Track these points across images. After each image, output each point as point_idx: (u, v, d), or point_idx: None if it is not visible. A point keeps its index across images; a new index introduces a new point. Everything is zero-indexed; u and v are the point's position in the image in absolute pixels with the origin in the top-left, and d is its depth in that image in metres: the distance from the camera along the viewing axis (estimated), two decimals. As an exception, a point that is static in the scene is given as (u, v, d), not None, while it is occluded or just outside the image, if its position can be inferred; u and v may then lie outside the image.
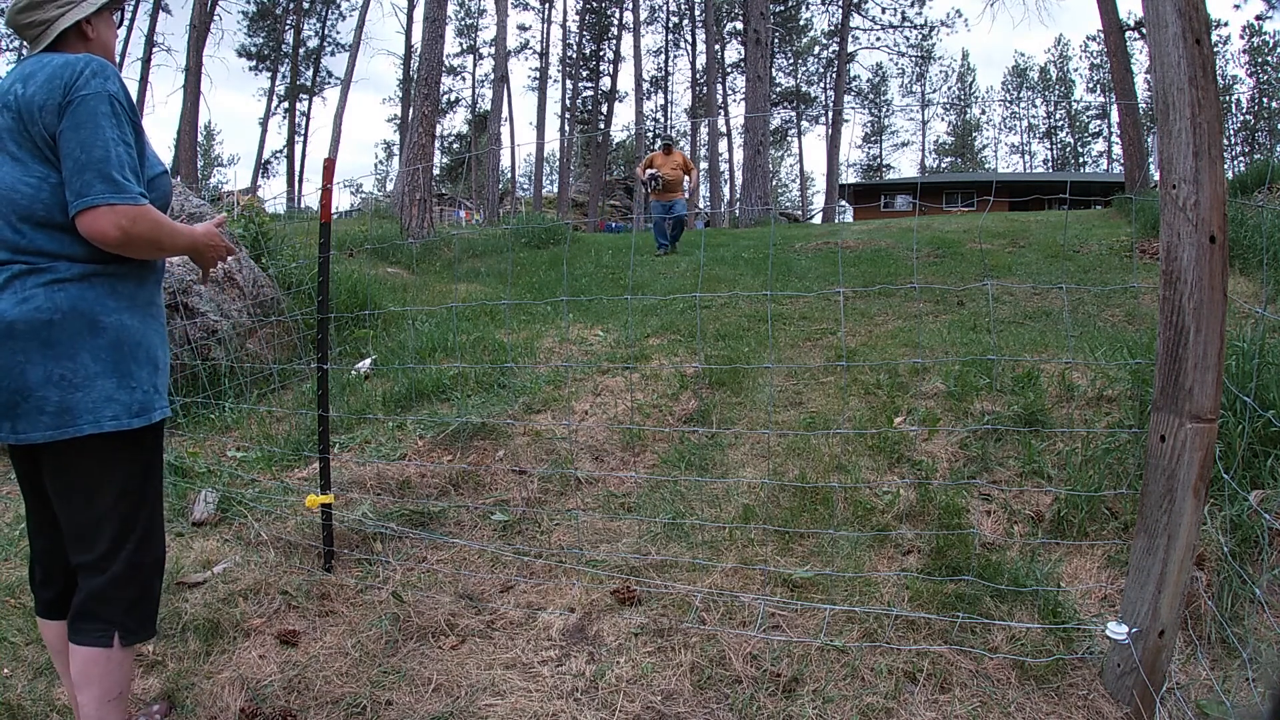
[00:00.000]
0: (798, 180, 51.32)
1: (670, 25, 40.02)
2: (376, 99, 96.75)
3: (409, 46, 32.49)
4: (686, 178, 9.83)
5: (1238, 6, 45.56)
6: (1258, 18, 37.04)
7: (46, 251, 1.38)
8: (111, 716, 1.47)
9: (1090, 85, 44.48)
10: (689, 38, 39.24)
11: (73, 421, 1.38)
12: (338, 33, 36.88)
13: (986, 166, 48.66)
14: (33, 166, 1.39)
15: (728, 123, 35.71)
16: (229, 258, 1.74)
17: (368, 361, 4.37)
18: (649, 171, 9.50)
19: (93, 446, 1.41)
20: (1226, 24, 41.92)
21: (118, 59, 1.58)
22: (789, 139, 45.45)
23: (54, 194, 1.39)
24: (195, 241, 1.57)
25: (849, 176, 43.02)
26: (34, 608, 1.63)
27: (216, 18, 23.24)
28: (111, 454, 1.44)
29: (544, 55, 37.59)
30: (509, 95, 31.50)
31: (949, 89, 48.12)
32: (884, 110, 45.95)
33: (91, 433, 1.39)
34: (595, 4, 37.98)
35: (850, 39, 34.87)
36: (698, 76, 37.95)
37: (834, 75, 37.38)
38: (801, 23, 39.48)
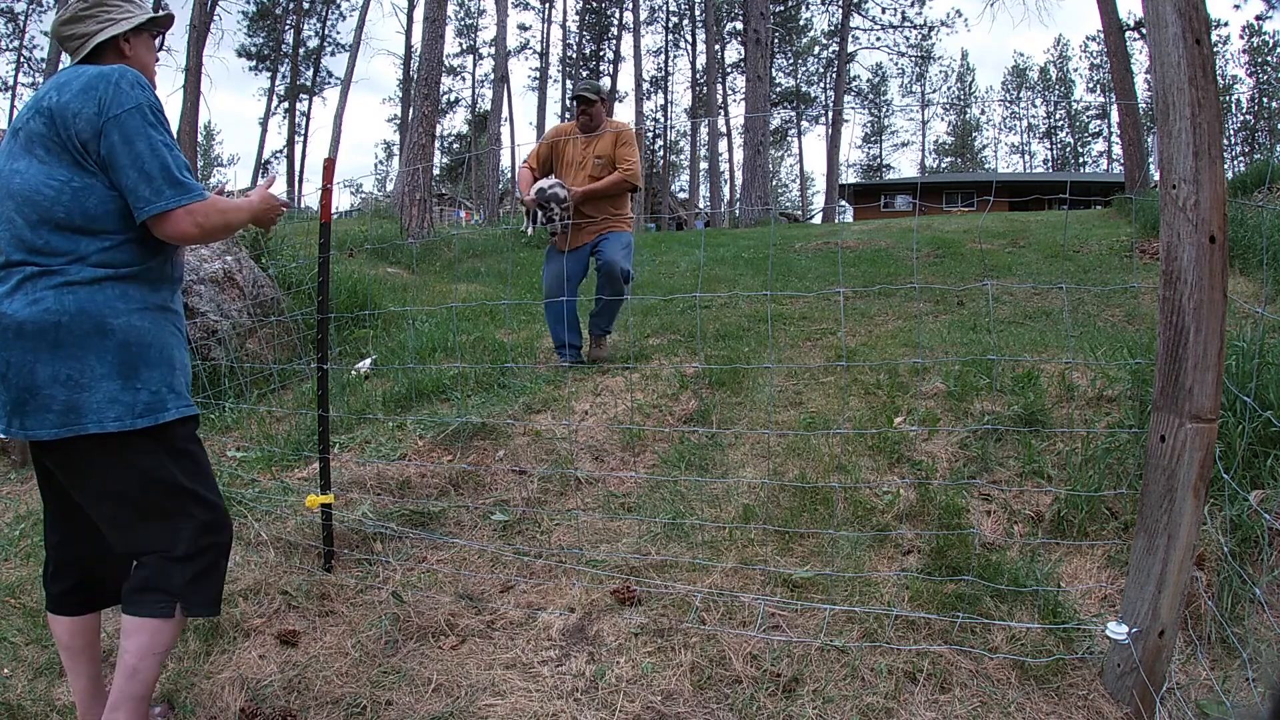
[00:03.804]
0: (798, 180, 51.34)
1: (670, 25, 40.03)
2: (376, 99, 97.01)
3: (409, 46, 32.50)
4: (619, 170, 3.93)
5: (1238, 6, 45.66)
6: (1258, 18, 37.11)
7: (61, 253, 1.43)
8: (152, 667, 1.51)
9: (1090, 85, 44.50)
10: (689, 38, 39.27)
11: (78, 420, 1.42)
12: (338, 33, 36.94)
13: (986, 166, 48.67)
14: (58, 170, 1.45)
15: (728, 123, 35.72)
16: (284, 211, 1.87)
17: (368, 361, 4.37)
18: (536, 186, 3.89)
19: (103, 446, 1.45)
20: (1226, 24, 41.97)
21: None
22: (789, 139, 45.47)
23: (75, 198, 1.44)
24: (255, 212, 1.71)
25: (849, 176, 43.04)
26: (45, 603, 1.65)
27: (216, 18, 23.22)
28: (123, 453, 1.47)
29: (544, 55, 37.63)
30: (509, 95, 31.52)
31: (949, 89, 48.15)
32: (884, 110, 45.97)
33: (95, 432, 1.43)
34: (595, 4, 37.99)
35: (850, 39, 34.90)
36: (698, 76, 37.96)
37: (834, 75, 37.40)
38: (801, 23, 39.50)
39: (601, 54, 38.92)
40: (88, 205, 1.44)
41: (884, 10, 35.68)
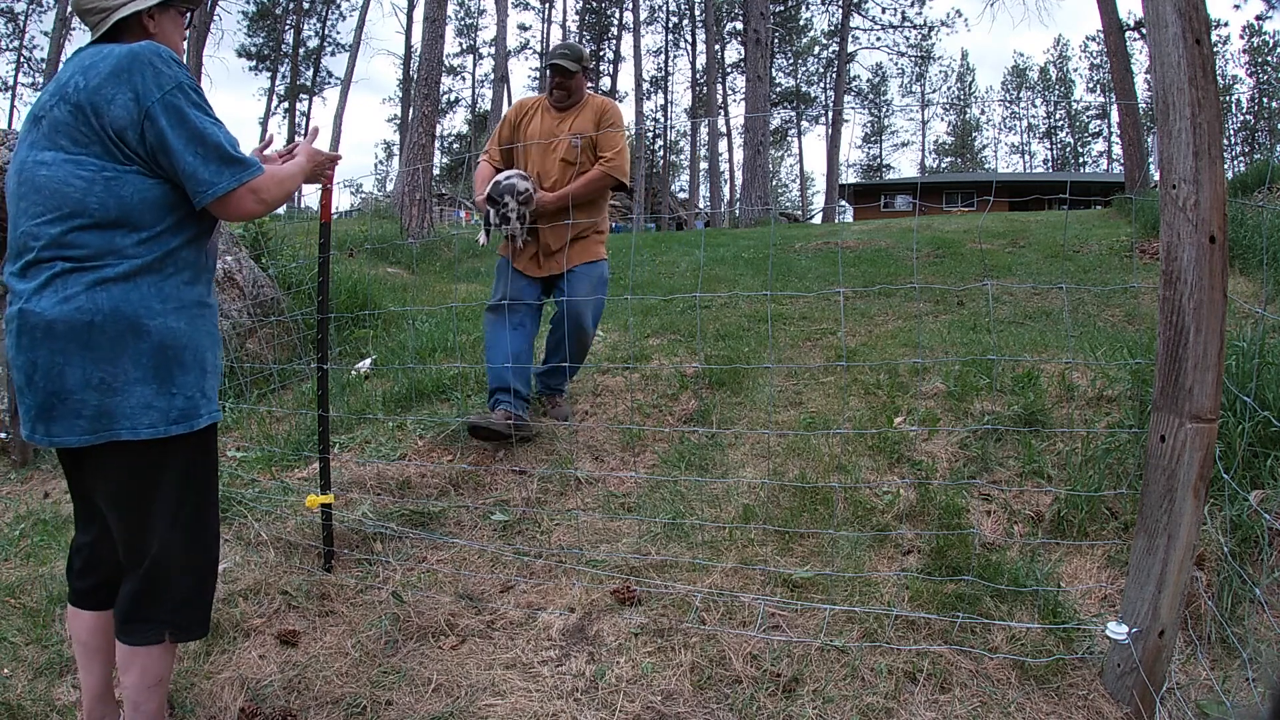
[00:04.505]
0: (798, 180, 51.36)
1: (670, 25, 40.07)
2: (376, 99, 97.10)
3: (409, 46, 32.51)
4: (602, 163, 2.99)
5: (1238, 6, 45.72)
6: (1258, 18, 37.16)
7: (93, 248, 1.35)
8: (152, 699, 1.49)
9: (1090, 85, 44.52)
10: (689, 38, 39.30)
11: (110, 426, 1.36)
12: (338, 33, 37.01)
13: (986, 166, 48.68)
14: (87, 161, 1.36)
15: (728, 123, 35.72)
16: (333, 164, 1.91)
17: (368, 361, 4.37)
18: (492, 181, 3.01)
19: (133, 452, 1.39)
20: (1226, 24, 42.06)
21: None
22: (789, 139, 45.49)
23: (108, 188, 1.36)
24: (307, 172, 1.73)
25: (849, 176, 43.06)
26: (67, 596, 1.62)
27: (216, 18, 23.26)
28: (153, 460, 1.42)
29: (544, 55, 37.62)
30: (509, 95, 31.48)
31: (949, 89, 48.15)
32: (884, 110, 45.98)
33: (129, 439, 1.37)
34: (595, 4, 38.02)
35: (850, 39, 34.92)
36: (698, 76, 37.98)
37: (834, 75, 37.42)
38: (801, 23, 39.52)
39: (601, 54, 38.93)
40: (123, 195, 1.36)
41: (884, 10, 35.74)
